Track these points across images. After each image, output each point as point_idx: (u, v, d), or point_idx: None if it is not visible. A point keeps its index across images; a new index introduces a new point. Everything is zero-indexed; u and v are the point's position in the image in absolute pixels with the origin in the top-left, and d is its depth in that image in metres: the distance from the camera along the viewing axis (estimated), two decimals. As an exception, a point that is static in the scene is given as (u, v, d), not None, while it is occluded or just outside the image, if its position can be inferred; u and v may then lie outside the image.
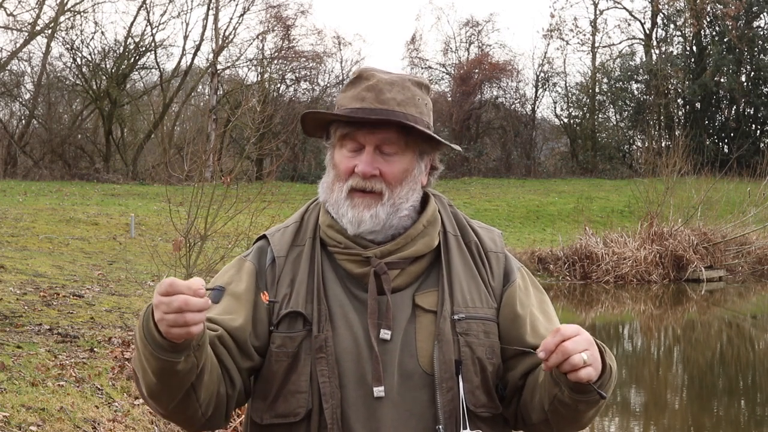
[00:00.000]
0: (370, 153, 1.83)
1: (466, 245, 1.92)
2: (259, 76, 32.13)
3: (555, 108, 41.90)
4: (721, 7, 33.21)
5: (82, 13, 30.60)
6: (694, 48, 35.95)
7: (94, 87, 30.79)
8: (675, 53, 36.28)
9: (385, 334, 1.79)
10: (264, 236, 1.95)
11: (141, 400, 5.43)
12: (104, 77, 30.67)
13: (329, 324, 1.80)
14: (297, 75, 32.47)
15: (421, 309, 1.83)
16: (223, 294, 1.83)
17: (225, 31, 31.32)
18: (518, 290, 1.90)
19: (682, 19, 35.78)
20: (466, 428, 1.76)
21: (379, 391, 1.76)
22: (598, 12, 36.32)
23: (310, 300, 1.82)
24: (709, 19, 34.99)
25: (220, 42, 30.81)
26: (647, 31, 36.35)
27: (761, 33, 35.30)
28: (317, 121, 1.92)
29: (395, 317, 1.81)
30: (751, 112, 35.64)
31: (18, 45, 29.90)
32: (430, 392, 1.78)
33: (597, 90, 36.26)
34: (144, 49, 31.35)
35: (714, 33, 35.50)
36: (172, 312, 1.57)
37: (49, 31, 30.01)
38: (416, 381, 1.79)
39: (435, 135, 1.87)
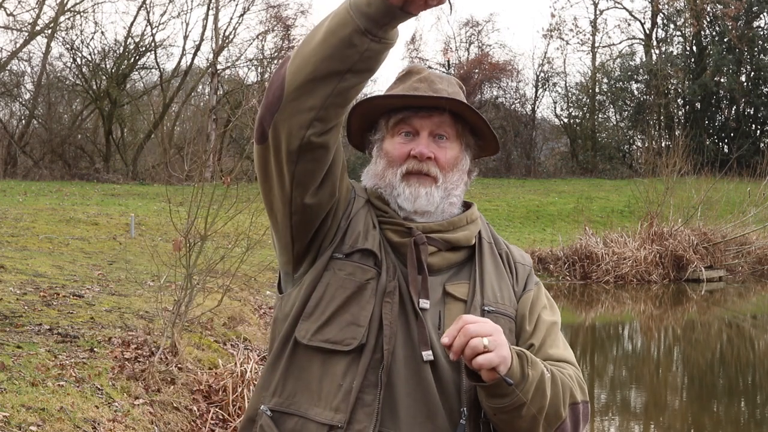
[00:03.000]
0: (425, 137, 1.92)
1: (498, 252, 2.02)
2: (259, 76, 32.14)
3: (555, 108, 42.03)
4: (721, 7, 33.20)
5: (82, 13, 30.63)
6: (694, 48, 35.95)
7: (94, 87, 30.79)
8: (675, 53, 36.29)
9: (424, 303, 1.85)
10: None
11: (141, 400, 5.43)
12: (104, 77, 30.68)
13: (396, 276, 1.86)
14: (297, 75, 32.44)
15: (451, 297, 1.89)
16: None
17: (225, 31, 31.35)
18: (532, 297, 1.97)
19: (682, 19, 35.79)
20: (486, 416, 1.80)
21: (428, 354, 1.80)
22: (598, 12, 36.41)
23: (381, 249, 1.89)
24: (709, 19, 34.99)
25: (220, 42, 30.81)
26: (647, 31, 36.39)
27: (761, 33, 35.30)
28: (366, 117, 1.99)
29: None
30: (751, 112, 35.65)
31: (18, 45, 29.94)
32: (455, 377, 1.82)
33: (597, 90, 36.27)
34: (144, 49, 31.37)
35: (714, 33, 35.50)
36: None
37: (49, 31, 30.03)
38: (442, 363, 1.83)
39: (486, 119, 1.96)
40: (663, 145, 31.11)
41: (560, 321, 2.01)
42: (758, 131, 35.96)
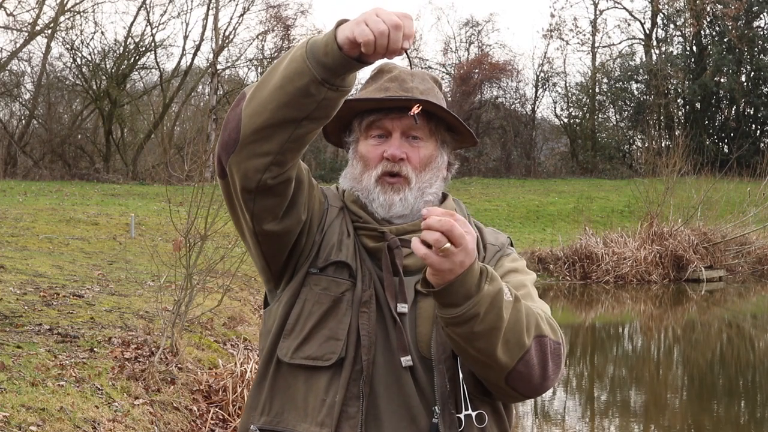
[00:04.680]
0: (397, 138, 1.91)
1: None
2: (259, 76, 32.10)
3: (555, 108, 42.02)
4: (721, 7, 33.21)
5: (82, 13, 30.64)
6: (694, 48, 35.95)
7: (94, 87, 30.79)
8: (675, 53, 36.28)
9: (402, 307, 1.84)
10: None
11: (141, 400, 5.43)
12: (104, 77, 30.68)
13: (371, 284, 1.86)
14: (297, 75, 32.42)
15: (421, 294, 1.87)
16: None
17: (225, 31, 31.35)
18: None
19: (682, 19, 35.80)
20: (467, 409, 1.79)
21: (406, 360, 1.80)
22: (598, 12, 36.37)
23: (356, 258, 1.89)
24: (709, 19, 34.99)
25: (220, 42, 30.80)
26: (647, 31, 36.39)
27: (761, 33, 35.30)
28: (340, 119, 1.96)
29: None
30: (751, 112, 35.65)
31: (18, 45, 29.95)
32: (429, 377, 1.82)
33: (597, 90, 36.27)
34: (144, 49, 31.38)
35: (714, 33, 35.51)
36: (394, 24, 1.59)
37: (49, 31, 30.03)
38: (417, 364, 1.83)
39: (458, 117, 1.95)
40: (663, 145, 31.12)
41: (531, 280, 1.97)
42: (758, 131, 35.96)
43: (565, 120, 36.85)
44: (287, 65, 1.69)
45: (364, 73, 1.89)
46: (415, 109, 1.83)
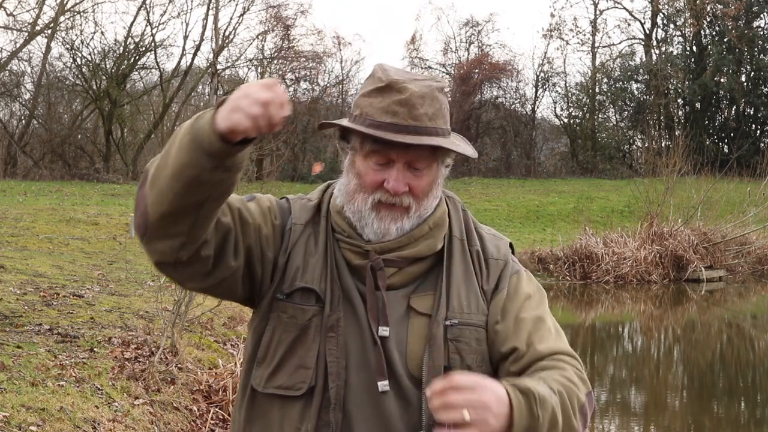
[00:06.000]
0: (401, 170, 1.81)
1: (469, 250, 1.91)
2: (259, 76, 32.12)
3: (555, 108, 41.96)
4: (721, 7, 33.20)
5: (82, 13, 30.61)
6: (694, 48, 35.94)
7: (94, 87, 30.77)
8: (675, 53, 36.27)
9: (384, 331, 1.79)
10: (286, 198, 1.96)
11: (141, 400, 5.43)
12: (104, 77, 30.66)
13: (341, 306, 1.82)
14: (297, 75, 32.47)
15: (414, 311, 1.83)
16: (253, 200, 1.89)
17: (225, 31, 31.32)
18: (505, 297, 1.87)
19: (682, 19, 35.79)
20: None
21: (383, 385, 1.77)
22: (598, 12, 36.35)
23: (324, 278, 1.83)
24: (709, 19, 34.98)
25: (220, 42, 30.78)
26: (647, 31, 36.37)
27: (761, 33, 35.29)
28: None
29: (389, 315, 1.82)
30: (751, 112, 35.63)
31: (18, 45, 29.92)
32: (417, 395, 1.78)
33: (597, 90, 36.24)
34: (144, 49, 31.35)
35: (714, 33, 35.49)
36: (264, 102, 1.58)
37: (49, 31, 30.01)
38: (404, 382, 1.79)
39: (465, 153, 1.87)
40: (663, 145, 31.10)
41: (546, 303, 1.90)
42: (758, 131, 35.94)
43: (565, 120, 36.85)
44: (176, 154, 1.65)
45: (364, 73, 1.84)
46: None
